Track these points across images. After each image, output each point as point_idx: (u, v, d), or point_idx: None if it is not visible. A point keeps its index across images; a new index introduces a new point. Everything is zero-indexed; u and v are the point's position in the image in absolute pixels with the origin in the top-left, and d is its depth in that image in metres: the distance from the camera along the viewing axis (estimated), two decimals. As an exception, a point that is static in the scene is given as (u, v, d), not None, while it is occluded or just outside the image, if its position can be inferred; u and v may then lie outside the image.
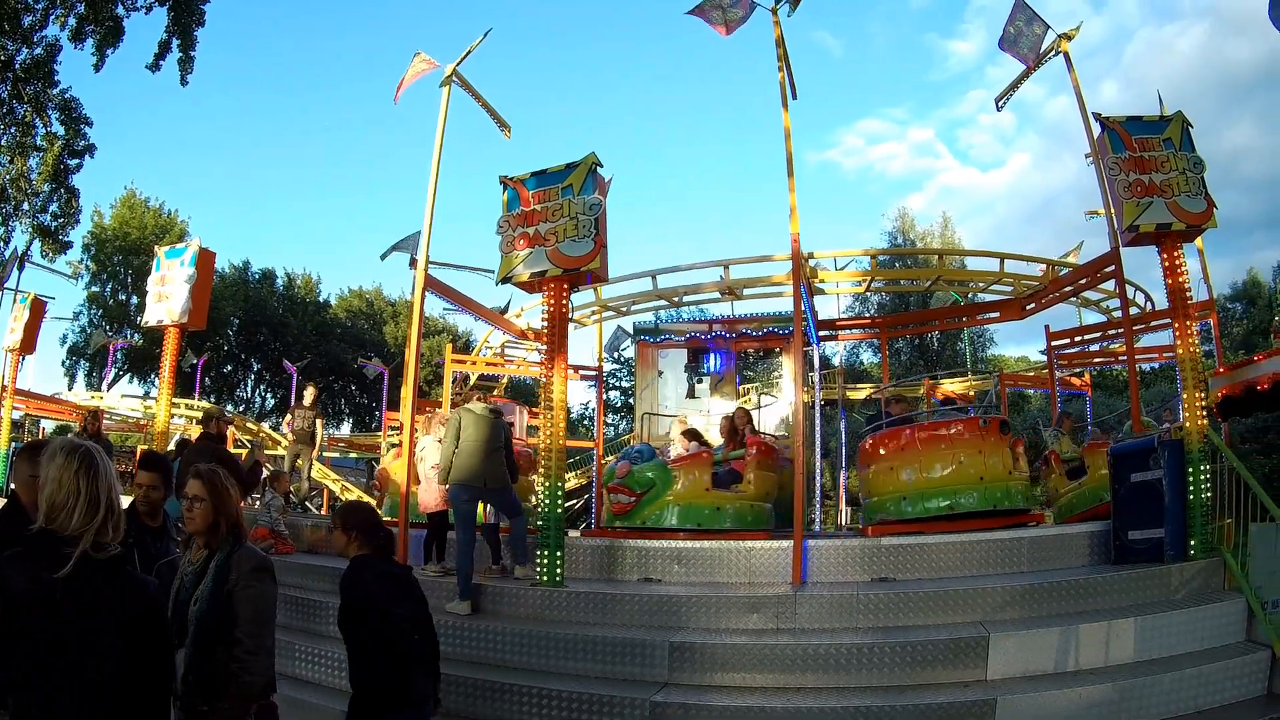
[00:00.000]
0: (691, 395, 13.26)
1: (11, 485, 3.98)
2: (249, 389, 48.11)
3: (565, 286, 7.86)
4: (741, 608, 6.70)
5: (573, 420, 33.57)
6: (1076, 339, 14.58)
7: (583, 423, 37.13)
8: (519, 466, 8.53)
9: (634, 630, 6.60)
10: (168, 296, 11.19)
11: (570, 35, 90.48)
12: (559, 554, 7.35)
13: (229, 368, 45.89)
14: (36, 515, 2.64)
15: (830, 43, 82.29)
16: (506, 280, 7.85)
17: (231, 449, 11.66)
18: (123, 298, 40.94)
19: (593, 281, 8.93)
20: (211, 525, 3.56)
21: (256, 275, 47.06)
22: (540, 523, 7.43)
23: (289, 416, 14.57)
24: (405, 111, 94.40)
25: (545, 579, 7.30)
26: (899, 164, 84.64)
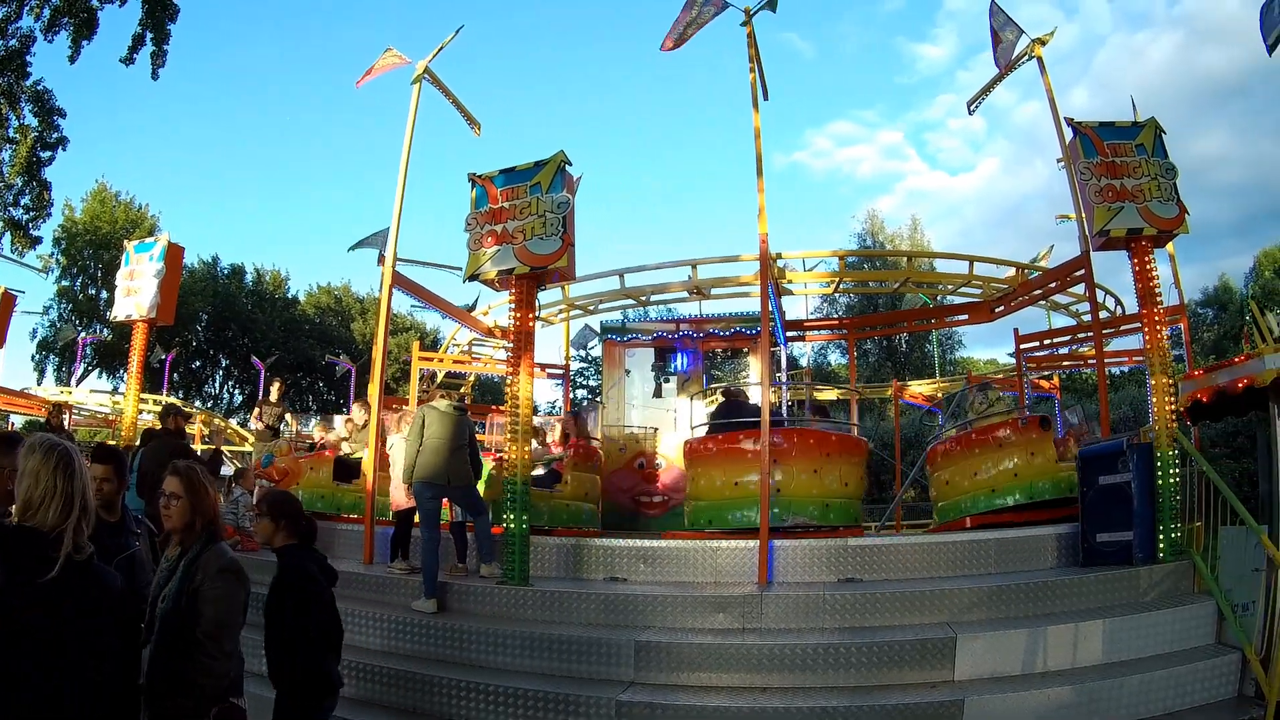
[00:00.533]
0: (658, 395, 13.19)
1: None
2: (217, 385, 47.44)
3: (532, 284, 7.85)
4: (708, 607, 6.65)
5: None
6: (1046, 342, 14.71)
7: (550, 421, 36.85)
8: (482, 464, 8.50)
9: (600, 629, 6.55)
10: (136, 291, 11.12)
11: (541, 34, 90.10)
12: (525, 552, 7.29)
13: (197, 363, 45.18)
14: (8, 505, 2.73)
15: (800, 45, 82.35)
16: (474, 278, 7.81)
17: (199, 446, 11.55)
18: (93, 292, 40.23)
19: (560, 280, 8.95)
20: (188, 523, 3.53)
21: (225, 271, 46.35)
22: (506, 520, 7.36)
23: (257, 411, 14.42)
24: (376, 108, 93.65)
25: (512, 578, 7.24)
26: (868, 166, 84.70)
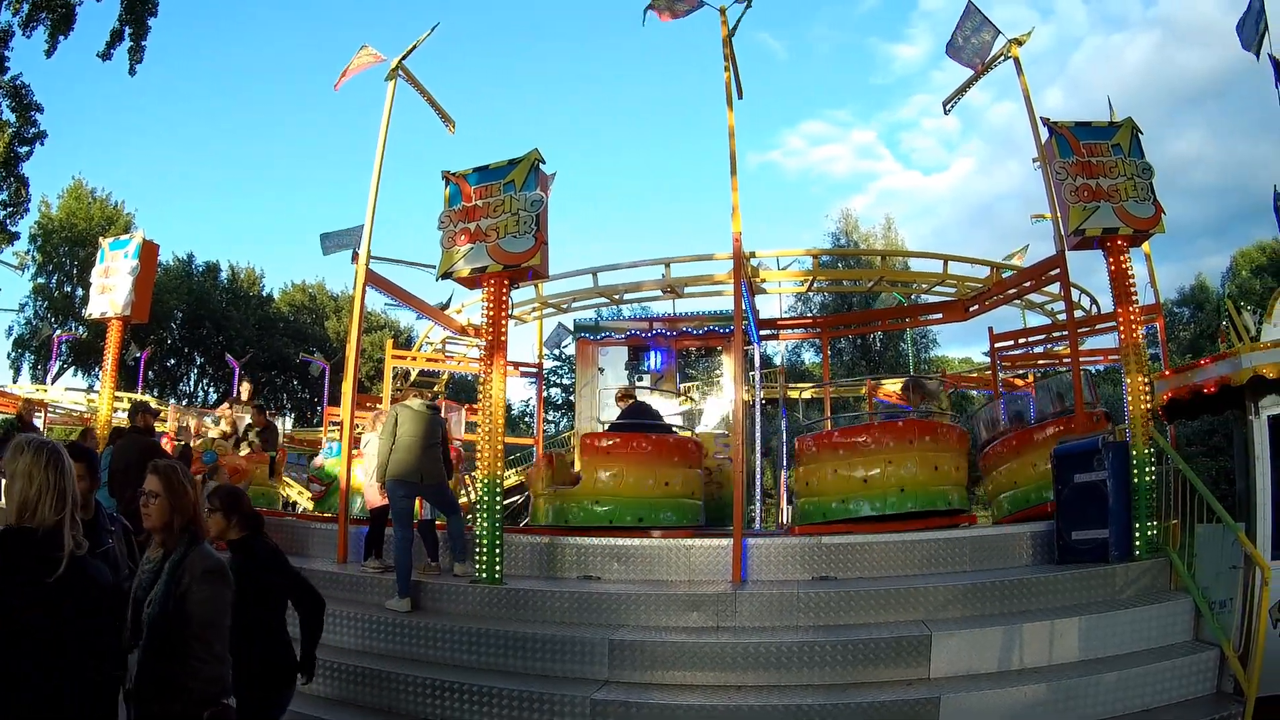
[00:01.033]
0: (631, 393, 13.09)
1: None
2: (192, 383, 46.97)
3: (506, 283, 7.81)
4: (682, 606, 6.63)
5: (513, 417, 33.24)
6: (1020, 341, 14.76)
7: (523, 419, 36.69)
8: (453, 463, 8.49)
9: (574, 628, 6.51)
10: (111, 289, 10.99)
11: (515, 32, 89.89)
12: (498, 551, 7.25)
13: (172, 361, 44.73)
14: None
15: (773, 45, 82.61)
16: (447, 276, 7.78)
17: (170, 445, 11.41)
18: (69, 290, 39.85)
19: (533, 278, 8.90)
20: (167, 523, 3.45)
21: (200, 268, 45.99)
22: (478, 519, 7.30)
23: (229, 410, 14.30)
24: (350, 106, 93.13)
25: (485, 576, 7.19)
26: (841, 166, 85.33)
